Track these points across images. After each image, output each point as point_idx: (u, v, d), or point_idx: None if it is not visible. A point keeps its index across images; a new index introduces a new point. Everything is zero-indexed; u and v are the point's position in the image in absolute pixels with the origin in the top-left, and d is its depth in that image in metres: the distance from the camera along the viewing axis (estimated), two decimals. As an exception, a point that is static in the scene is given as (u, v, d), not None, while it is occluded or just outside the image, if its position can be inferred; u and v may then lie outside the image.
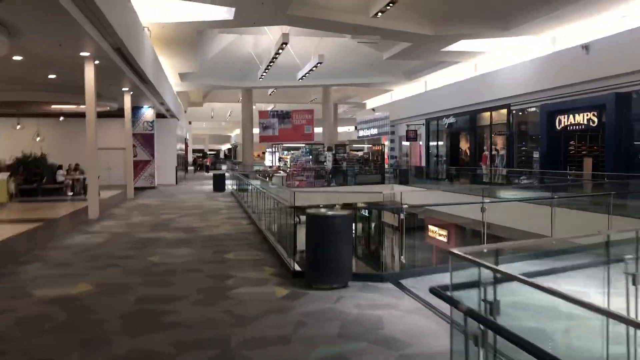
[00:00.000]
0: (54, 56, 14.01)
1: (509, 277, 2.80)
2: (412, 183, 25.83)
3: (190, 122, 55.12)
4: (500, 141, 24.40)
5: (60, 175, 21.28)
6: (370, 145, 29.25)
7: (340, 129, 48.46)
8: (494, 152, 24.74)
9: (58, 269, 8.14)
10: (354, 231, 8.68)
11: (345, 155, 26.05)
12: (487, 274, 3.07)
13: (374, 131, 35.45)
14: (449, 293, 3.18)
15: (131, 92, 20.20)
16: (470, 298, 3.12)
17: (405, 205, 7.78)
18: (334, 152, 26.10)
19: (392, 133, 34.37)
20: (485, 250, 3.87)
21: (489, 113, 24.80)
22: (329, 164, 25.80)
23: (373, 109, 36.29)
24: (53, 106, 21.74)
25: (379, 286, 6.94)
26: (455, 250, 3.09)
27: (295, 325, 5.44)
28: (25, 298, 6.52)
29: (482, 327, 2.85)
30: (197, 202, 18.93)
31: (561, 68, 19.07)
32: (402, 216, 7.71)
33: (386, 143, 34.40)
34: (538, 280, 2.65)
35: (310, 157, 25.20)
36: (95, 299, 6.51)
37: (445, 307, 6.26)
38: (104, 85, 18.30)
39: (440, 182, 26.45)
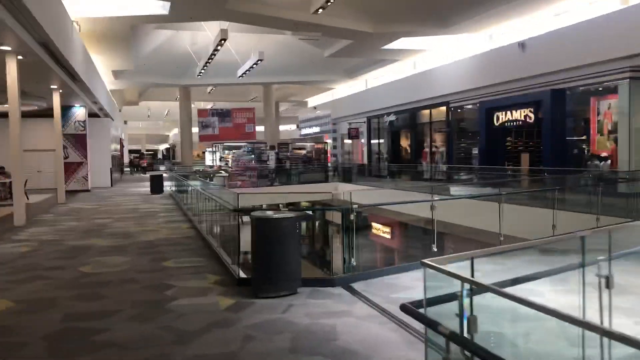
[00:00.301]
0: (-29, 51, 12.92)
1: (496, 292, 2.45)
2: (356, 181, 25.69)
3: (125, 122, 53.22)
4: (440, 138, 24.61)
5: (-16, 180, 19.85)
6: (312, 144, 28.94)
7: (282, 127, 47.97)
8: (434, 149, 24.95)
9: (-25, 284, 7.33)
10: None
11: (289, 154, 25.64)
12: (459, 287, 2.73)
13: (316, 129, 35.20)
14: (422, 310, 2.80)
15: (60, 91, 19.02)
16: (442, 313, 2.78)
17: (356, 205, 7.43)
18: (276, 151, 25.63)
19: (334, 131, 34.21)
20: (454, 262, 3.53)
21: (428, 110, 24.96)
22: (272, 163, 25.32)
23: (315, 107, 36.04)
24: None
25: (329, 291, 6.56)
26: (429, 261, 2.73)
27: (243, 340, 4.97)
28: None
29: (467, 353, 2.49)
30: (133, 205, 18.04)
31: (498, 65, 19.31)
32: (352, 217, 7.34)
33: (328, 141, 34.20)
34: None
35: (253, 156, 24.62)
36: (15, 317, 5.81)
37: (398, 310, 6.05)
38: (30, 82, 17.12)
39: (382, 179, 26.45)
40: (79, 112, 24.64)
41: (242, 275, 7.11)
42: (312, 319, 5.56)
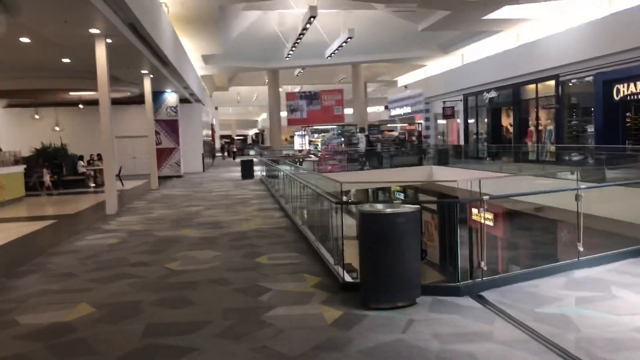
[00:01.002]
0: (62, 36, 12.60)
1: None
2: (453, 164, 24.01)
3: (216, 108, 53.85)
4: (547, 115, 22.39)
5: (81, 167, 20.09)
6: (404, 125, 27.44)
7: (369, 109, 46.59)
8: (540, 128, 22.76)
9: (58, 283, 6.70)
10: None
11: (380, 136, 24.35)
12: None
13: (407, 110, 33.54)
14: None
15: (151, 76, 18.76)
16: None
17: (487, 197, 6.11)
18: (366, 133, 24.40)
19: (427, 111, 32.39)
20: None
21: (534, 85, 22.73)
22: (362, 146, 24.14)
23: (405, 86, 34.34)
24: (71, 93, 20.47)
25: (456, 303, 5.31)
26: None
27: (359, 374, 3.86)
28: (6, 329, 5.08)
29: None
30: (224, 192, 17.50)
31: (620, 31, 16.94)
32: (481, 210, 6.04)
33: (421, 122, 32.48)
34: None
35: (342, 139, 23.54)
36: (93, 329, 5.01)
37: (556, 333, 4.47)
38: (121, 67, 16.90)
39: (481, 161, 24.55)
40: (171, 97, 24.56)
41: (348, 279, 6.01)
42: (442, 342, 4.35)
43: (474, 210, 8.39)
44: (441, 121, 31.55)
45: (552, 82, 21.27)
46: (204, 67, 29.38)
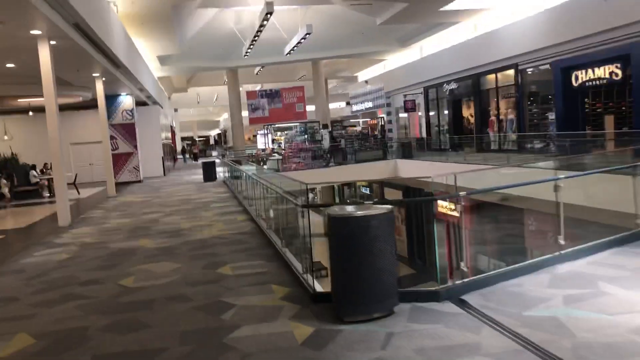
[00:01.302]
0: (1, 38, 11.68)
1: None
2: (417, 157, 23.77)
3: (176, 110, 52.61)
4: (507, 104, 22.33)
5: (34, 177, 19.04)
6: (366, 120, 27.09)
7: (331, 106, 46.09)
8: (501, 117, 22.70)
9: (-3, 309, 5.99)
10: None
11: (343, 132, 23.91)
12: None
13: (369, 105, 33.21)
14: None
15: (103, 79, 17.84)
16: None
17: (463, 193, 5.65)
18: (330, 129, 23.93)
19: (388, 105, 32.13)
20: None
21: (494, 75, 22.63)
22: (326, 143, 23.65)
23: (366, 82, 34.01)
24: (19, 100, 19.35)
25: (437, 309, 4.84)
26: None
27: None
28: None
29: None
30: (185, 196, 16.75)
31: (577, 18, 16.86)
32: (459, 207, 5.60)
33: (382, 116, 32.20)
34: None
35: (306, 136, 23.01)
36: (31, 364, 4.37)
37: (550, 340, 4.05)
38: (69, 71, 15.99)
39: (445, 153, 24.34)
40: (126, 100, 23.59)
41: (319, 288, 5.48)
42: (426, 358, 3.86)
43: (443, 204, 7.98)
44: (403, 115, 31.33)
45: (512, 71, 21.21)
46: (160, 68, 28.38)
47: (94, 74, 17.04)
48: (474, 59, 22.99)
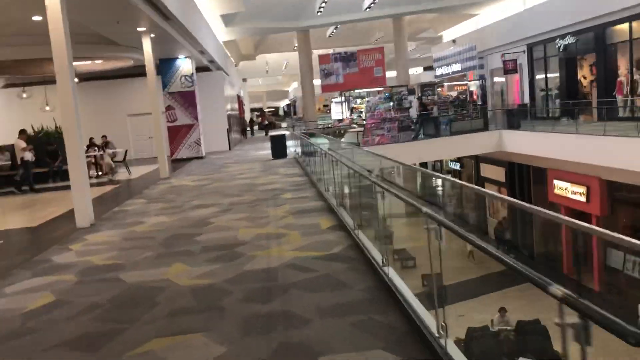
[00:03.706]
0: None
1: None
2: (525, 127, 19.15)
3: (244, 80, 49.39)
4: (644, 62, 17.31)
5: (79, 153, 15.96)
6: (462, 83, 22.56)
7: (410, 71, 41.32)
8: (635, 77, 17.66)
9: None
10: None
11: (436, 97, 19.58)
12: None
13: (457, 67, 28.38)
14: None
15: (152, 35, 14.33)
16: None
17: None
18: (419, 95, 19.64)
19: (481, 67, 27.23)
20: None
21: (626, 24, 17.54)
22: (413, 111, 19.41)
23: (454, 41, 29.11)
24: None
25: None
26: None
27: None
28: None
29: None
30: (250, 178, 13.13)
31: None
32: None
33: (473, 81, 27.36)
34: None
35: (392, 103, 18.86)
36: None
37: None
38: (108, 23, 12.57)
39: (558, 122, 19.54)
40: (185, 64, 20.12)
41: None
42: None
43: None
44: (498, 79, 26.45)
45: (655, 18, 16.18)
46: (225, 30, 24.82)
47: (139, 29, 13.54)
48: (599, 5, 17.94)
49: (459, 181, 6.02)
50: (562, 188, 17.54)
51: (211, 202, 10.00)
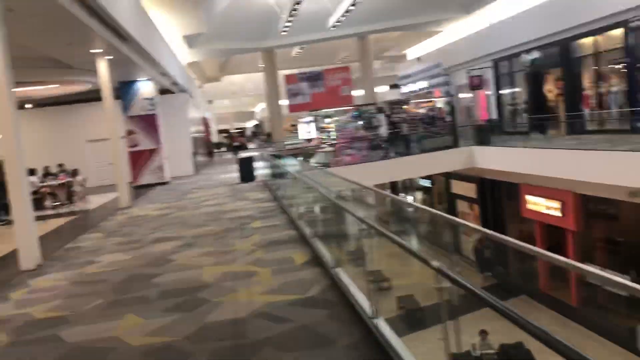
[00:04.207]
0: None
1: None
2: (495, 143, 18.83)
3: (210, 101, 48.50)
4: (610, 74, 17.18)
5: (33, 183, 14.88)
6: (429, 100, 22.20)
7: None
8: (602, 90, 17.53)
9: None
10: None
11: (405, 115, 19.10)
12: None
13: (423, 84, 28.22)
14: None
15: (109, 57, 13.43)
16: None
17: None
18: (388, 113, 19.13)
19: (447, 84, 27.04)
20: None
21: (591, 38, 17.45)
22: (383, 130, 18.87)
23: (418, 58, 28.95)
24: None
25: None
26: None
27: None
28: None
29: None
30: (216, 205, 12.26)
31: None
32: None
33: (436, 99, 27.10)
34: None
35: (361, 122, 18.30)
36: None
37: None
38: (57, 44, 11.66)
39: (528, 136, 19.29)
40: (145, 87, 19.18)
41: None
42: None
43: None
44: (464, 95, 26.28)
45: (618, 32, 16.09)
46: (189, 52, 24.02)
47: (92, 50, 12.64)
48: (563, 19, 17.81)
49: (431, 209, 5.24)
50: (536, 203, 17.18)
51: (173, 234, 9.13)
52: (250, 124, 71.96)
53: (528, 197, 17.60)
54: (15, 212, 7.44)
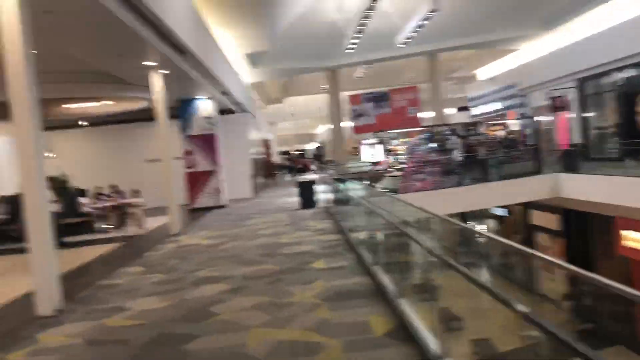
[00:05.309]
0: None
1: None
2: (583, 170, 16.45)
3: (273, 123, 47.73)
4: None
5: (83, 205, 13.89)
6: (502, 123, 20.02)
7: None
8: None
9: None
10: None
11: (482, 137, 17.03)
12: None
13: (497, 106, 25.90)
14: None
15: (164, 71, 12.25)
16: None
17: None
18: (462, 134, 17.12)
19: (523, 105, 24.65)
20: None
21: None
22: (456, 153, 16.87)
23: (492, 79, 26.74)
24: (64, 105, 14.30)
25: None
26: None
27: None
28: None
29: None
30: (274, 236, 10.66)
31: None
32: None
33: (509, 121, 24.73)
34: None
35: (434, 145, 16.38)
36: None
37: None
38: (108, 55, 10.53)
39: (619, 163, 16.77)
40: (205, 105, 18.05)
41: None
42: None
43: None
44: (542, 117, 23.81)
45: None
46: (252, 72, 22.96)
47: (145, 62, 11.45)
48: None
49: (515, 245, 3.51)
50: (636, 239, 14.64)
51: (221, 273, 7.54)
52: (311, 146, 71.02)
53: (625, 233, 15.08)
54: (32, 247, 6.05)
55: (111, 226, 14.59)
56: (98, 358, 4.56)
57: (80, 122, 17.00)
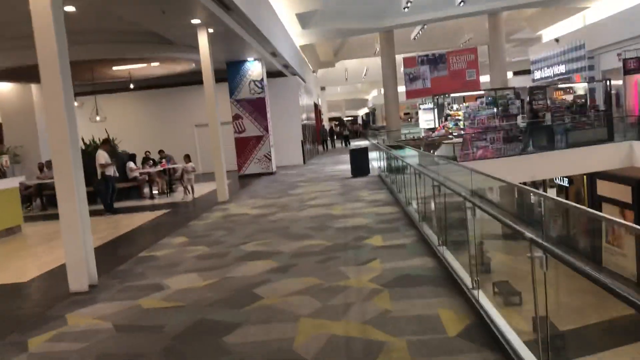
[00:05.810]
0: None
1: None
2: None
3: (323, 88, 46.62)
4: None
5: (132, 170, 13.54)
6: (572, 85, 18.33)
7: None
8: None
9: None
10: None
11: (549, 102, 15.57)
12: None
13: (560, 69, 24.01)
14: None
15: (210, 29, 11.52)
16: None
17: None
18: (528, 99, 15.69)
19: (591, 68, 22.67)
20: None
21: None
22: (522, 119, 15.54)
23: (556, 40, 24.67)
24: (115, 68, 13.84)
25: None
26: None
27: None
28: None
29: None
30: (324, 207, 9.91)
31: None
32: None
33: (579, 84, 22.77)
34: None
35: (496, 110, 15.08)
36: None
37: None
38: (152, 11, 9.85)
39: None
40: (254, 68, 17.28)
41: None
42: None
43: None
44: (613, 81, 21.81)
45: None
46: (302, 33, 21.95)
47: (192, 20, 10.73)
48: None
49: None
50: None
51: (268, 247, 6.87)
52: (362, 112, 69.50)
53: None
54: (62, 217, 5.51)
55: (159, 192, 14.26)
56: (123, 350, 3.96)
57: (130, 86, 16.52)
